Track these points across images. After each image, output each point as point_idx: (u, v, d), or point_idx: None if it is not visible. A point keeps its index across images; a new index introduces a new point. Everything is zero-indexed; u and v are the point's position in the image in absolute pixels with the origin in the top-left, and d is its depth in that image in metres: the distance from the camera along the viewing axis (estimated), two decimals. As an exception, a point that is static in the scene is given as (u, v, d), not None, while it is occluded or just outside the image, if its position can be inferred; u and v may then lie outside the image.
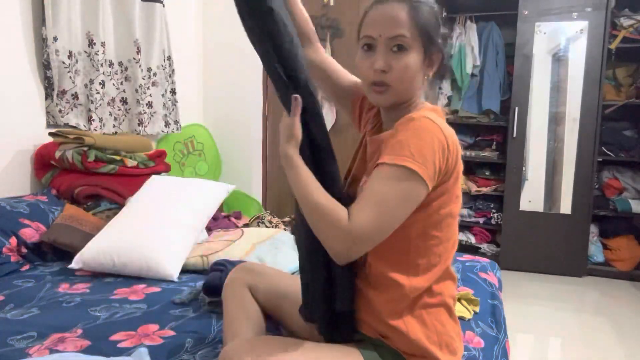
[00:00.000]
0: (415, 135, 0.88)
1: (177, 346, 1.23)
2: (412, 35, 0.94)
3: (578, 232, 3.46)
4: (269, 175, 3.60)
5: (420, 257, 0.96)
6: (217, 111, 3.44)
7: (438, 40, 0.98)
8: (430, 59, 0.98)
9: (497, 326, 1.46)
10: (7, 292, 1.60)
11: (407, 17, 0.94)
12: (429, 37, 0.96)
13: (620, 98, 3.49)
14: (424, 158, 0.86)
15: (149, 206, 1.99)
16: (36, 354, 1.18)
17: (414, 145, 0.87)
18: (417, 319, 0.97)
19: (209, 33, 3.39)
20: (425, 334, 0.97)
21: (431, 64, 0.99)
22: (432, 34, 0.96)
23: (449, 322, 1.01)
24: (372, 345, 0.99)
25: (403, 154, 0.86)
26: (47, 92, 2.29)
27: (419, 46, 0.95)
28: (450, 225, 0.99)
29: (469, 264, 1.95)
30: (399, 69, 0.95)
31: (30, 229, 1.91)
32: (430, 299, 0.98)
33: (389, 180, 0.87)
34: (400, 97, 0.99)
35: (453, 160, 0.92)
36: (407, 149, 0.86)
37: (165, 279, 1.74)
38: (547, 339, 2.58)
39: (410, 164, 0.86)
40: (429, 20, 0.96)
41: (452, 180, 0.94)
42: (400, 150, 0.87)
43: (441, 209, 0.95)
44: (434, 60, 0.99)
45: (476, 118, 3.80)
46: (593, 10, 3.31)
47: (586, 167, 3.41)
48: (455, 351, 1.00)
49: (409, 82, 0.97)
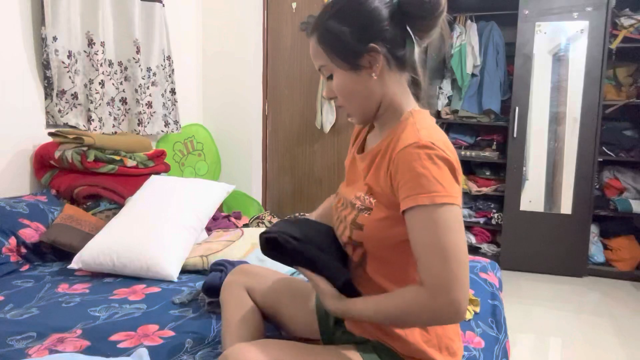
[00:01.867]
0: (433, 164, 0.85)
1: (177, 346, 1.22)
2: (329, 60, 0.95)
3: (578, 232, 3.45)
4: (268, 175, 3.60)
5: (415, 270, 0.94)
6: (216, 111, 3.44)
7: (355, 45, 0.93)
8: (359, 65, 0.94)
9: (497, 326, 1.45)
10: (6, 292, 1.60)
11: (318, 46, 0.96)
12: (341, 51, 0.94)
13: (621, 98, 3.49)
14: (451, 185, 0.86)
15: (148, 206, 1.98)
16: (36, 354, 1.18)
17: (438, 177, 0.85)
18: None
19: (208, 33, 3.39)
20: (424, 337, 0.96)
21: (369, 66, 0.94)
22: (343, 48, 0.93)
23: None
24: (372, 347, 0.98)
25: (436, 190, 0.84)
26: (46, 92, 2.29)
27: (341, 64, 0.95)
28: None
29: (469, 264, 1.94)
30: (338, 92, 0.97)
31: (29, 229, 1.91)
32: None
33: (439, 222, 0.84)
34: (366, 112, 0.99)
35: (459, 175, 0.90)
36: (436, 182, 0.84)
37: (165, 279, 1.74)
38: (547, 339, 2.58)
39: (447, 198, 0.84)
40: (335, 36, 0.94)
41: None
42: (430, 187, 0.84)
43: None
44: (365, 63, 0.94)
45: (476, 118, 3.80)
46: (593, 10, 3.30)
47: (587, 167, 3.41)
48: (455, 353, 1.00)
49: (355, 98, 0.97)
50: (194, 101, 3.39)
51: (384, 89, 0.96)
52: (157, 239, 1.80)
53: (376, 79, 0.94)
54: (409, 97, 0.99)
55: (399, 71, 0.96)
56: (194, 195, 2.08)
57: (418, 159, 0.86)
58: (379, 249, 0.96)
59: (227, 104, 3.40)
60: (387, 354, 0.97)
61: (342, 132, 3.43)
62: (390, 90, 0.97)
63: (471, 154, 3.81)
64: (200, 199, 2.09)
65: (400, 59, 0.95)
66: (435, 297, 0.83)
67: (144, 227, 1.86)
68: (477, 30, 3.75)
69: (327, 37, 0.95)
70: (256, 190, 3.47)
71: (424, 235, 0.85)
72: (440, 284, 0.83)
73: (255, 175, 3.47)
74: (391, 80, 0.96)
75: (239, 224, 2.54)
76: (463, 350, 1.05)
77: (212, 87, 3.43)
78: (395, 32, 0.93)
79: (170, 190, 2.08)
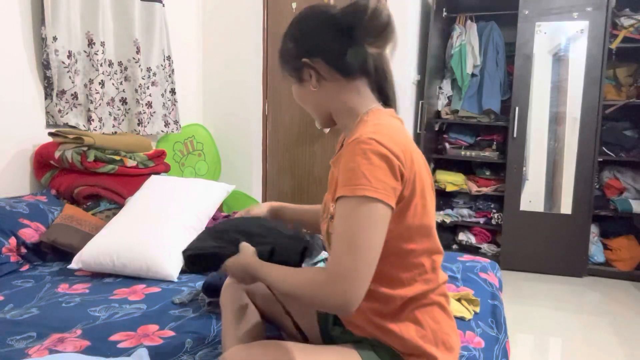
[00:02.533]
0: (365, 160, 0.87)
1: (177, 346, 1.22)
2: (283, 72, 1.08)
3: (578, 232, 3.45)
4: (268, 175, 3.60)
5: (401, 271, 0.97)
6: (217, 111, 3.44)
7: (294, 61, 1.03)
8: (301, 78, 1.03)
9: (497, 326, 1.45)
10: (6, 292, 1.60)
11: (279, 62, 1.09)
12: (287, 67, 1.06)
13: (621, 98, 3.49)
14: (380, 181, 0.86)
15: (148, 206, 1.98)
16: (36, 354, 1.18)
17: (367, 170, 0.86)
18: (410, 319, 0.97)
19: (208, 33, 3.39)
20: (420, 333, 0.96)
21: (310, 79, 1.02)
22: (287, 63, 1.05)
23: (443, 318, 1.01)
24: (370, 345, 0.99)
25: (360, 182, 0.86)
26: (46, 92, 2.29)
27: (289, 77, 1.07)
28: (427, 236, 0.98)
29: (469, 264, 1.95)
30: (297, 101, 1.09)
31: (29, 229, 1.91)
32: (421, 300, 0.98)
33: (354, 213, 0.86)
34: (321, 118, 1.08)
35: (408, 171, 0.90)
36: (362, 176, 0.86)
37: (165, 279, 1.74)
38: (547, 339, 2.58)
39: (370, 192, 0.85)
40: (283, 53, 1.06)
41: (410, 192, 0.92)
42: (355, 180, 0.86)
43: (410, 223, 0.94)
44: (307, 76, 1.02)
45: (476, 118, 3.79)
46: (593, 10, 3.30)
47: (587, 167, 3.41)
48: (452, 347, 1.00)
49: (308, 107, 1.08)
50: (194, 101, 3.39)
51: (331, 97, 1.03)
52: (157, 239, 1.80)
53: (316, 90, 1.02)
54: (365, 100, 1.02)
55: (346, 79, 1.01)
56: (194, 195, 2.08)
57: (352, 154, 0.88)
58: None
59: (227, 104, 3.40)
60: (385, 351, 0.97)
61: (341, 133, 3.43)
62: (340, 98, 1.02)
63: (471, 154, 3.81)
64: (200, 199, 2.09)
65: (345, 68, 0.99)
66: (330, 284, 0.85)
67: (144, 227, 1.86)
68: (477, 30, 3.75)
69: (280, 54, 1.07)
70: (256, 190, 3.47)
71: (339, 224, 0.87)
72: (338, 272, 0.85)
73: (255, 175, 3.47)
74: (339, 89, 1.01)
75: (239, 224, 2.54)
76: (460, 344, 1.05)
77: (212, 87, 3.43)
78: (335, 44, 0.99)
79: (170, 190, 2.09)
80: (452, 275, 1.81)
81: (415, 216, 0.94)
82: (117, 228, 1.88)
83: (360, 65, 0.99)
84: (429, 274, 0.99)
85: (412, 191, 0.92)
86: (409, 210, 0.93)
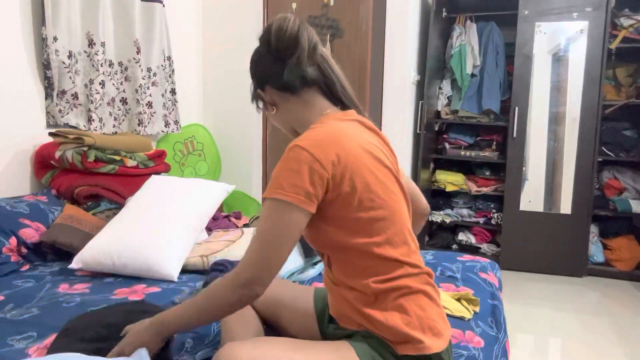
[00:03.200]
0: (285, 166, 0.96)
1: (177, 346, 1.22)
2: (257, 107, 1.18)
3: (578, 232, 3.46)
4: (269, 175, 3.60)
5: (365, 261, 1.00)
6: (217, 111, 3.44)
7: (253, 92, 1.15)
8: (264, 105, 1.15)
9: (497, 326, 1.46)
10: (7, 292, 1.60)
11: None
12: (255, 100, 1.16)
13: (621, 98, 3.49)
14: (294, 186, 0.94)
15: (148, 206, 1.99)
16: (36, 354, 1.18)
17: (283, 176, 0.95)
18: (394, 307, 0.98)
19: (208, 33, 3.39)
20: (405, 320, 0.98)
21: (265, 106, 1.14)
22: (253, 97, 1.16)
23: (429, 305, 1.01)
24: (362, 337, 1.00)
25: (275, 186, 0.95)
26: (47, 92, 2.29)
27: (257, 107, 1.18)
28: (386, 228, 1.00)
29: (469, 264, 1.95)
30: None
31: (30, 229, 1.91)
32: (403, 289, 1.00)
33: (267, 214, 0.96)
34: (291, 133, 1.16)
35: (337, 172, 0.96)
36: (278, 181, 0.95)
37: (165, 279, 1.74)
38: (547, 339, 2.58)
39: (281, 195, 0.94)
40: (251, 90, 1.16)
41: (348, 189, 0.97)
42: (273, 184, 0.96)
43: (357, 217, 0.98)
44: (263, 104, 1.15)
45: (476, 118, 3.80)
46: (593, 10, 3.31)
47: (586, 167, 3.41)
48: (440, 333, 1.00)
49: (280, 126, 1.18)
50: (194, 101, 3.40)
51: (288, 115, 1.12)
52: (157, 239, 1.80)
53: (275, 112, 1.13)
54: (316, 109, 1.09)
55: (295, 95, 1.09)
56: (194, 195, 2.08)
57: (280, 161, 0.98)
58: (330, 251, 1.04)
59: (228, 104, 3.40)
60: (377, 342, 0.98)
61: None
62: (294, 113, 1.11)
63: (471, 154, 3.82)
64: (200, 199, 2.09)
65: (287, 86, 1.08)
66: (235, 276, 0.95)
67: (144, 227, 1.86)
68: (476, 30, 3.75)
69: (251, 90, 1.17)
70: (256, 190, 3.47)
71: (258, 223, 0.98)
72: (245, 264, 0.95)
73: (255, 175, 3.47)
74: (293, 104, 1.10)
75: (239, 224, 2.55)
76: (450, 332, 1.05)
77: (212, 87, 3.43)
78: (274, 69, 1.08)
79: (171, 190, 2.09)
80: (452, 275, 1.81)
81: (361, 210, 0.98)
82: (118, 228, 1.88)
83: (300, 79, 1.07)
84: (401, 262, 1.00)
85: (350, 187, 0.97)
86: (351, 205, 0.97)
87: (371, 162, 1.01)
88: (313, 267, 1.81)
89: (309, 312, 1.18)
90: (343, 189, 0.96)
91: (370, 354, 0.96)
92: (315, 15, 3.23)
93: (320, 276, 1.79)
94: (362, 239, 0.99)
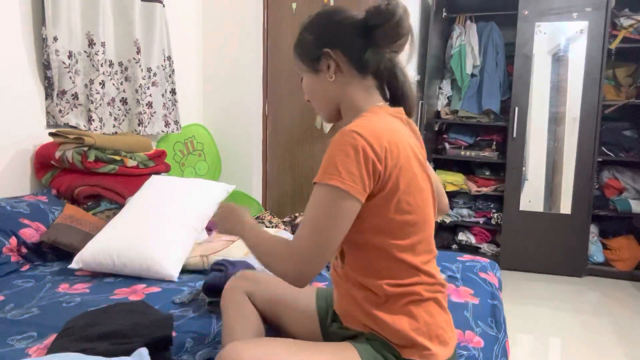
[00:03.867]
0: (342, 151, 0.91)
1: (177, 346, 1.22)
2: (299, 63, 1.11)
3: (578, 232, 3.46)
4: (269, 175, 3.60)
5: (384, 262, 0.98)
6: (217, 111, 3.44)
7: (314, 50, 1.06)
8: (317, 69, 1.06)
9: (497, 326, 1.46)
10: (7, 292, 1.60)
11: (293, 52, 1.12)
12: (304, 56, 1.09)
13: (620, 98, 3.49)
14: (351, 174, 0.90)
15: (148, 206, 1.99)
16: (36, 354, 1.18)
17: (340, 162, 0.91)
18: (404, 312, 0.98)
19: (208, 33, 3.39)
20: (413, 326, 0.97)
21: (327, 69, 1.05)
22: (305, 52, 1.08)
23: (438, 312, 1.01)
24: (365, 339, 1.00)
25: (330, 171, 0.91)
26: (47, 92, 2.29)
27: (303, 67, 1.10)
28: (414, 233, 0.99)
29: (469, 264, 1.95)
30: (305, 92, 1.12)
31: (30, 229, 1.91)
32: (414, 295, 0.99)
33: (321, 201, 0.92)
34: (328, 110, 1.10)
35: (388, 166, 0.93)
36: (334, 166, 0.91)
37: (165, 279, 1.74)
38: (547, 339, 2.58)
39: (338, 182, 0.90)
40: (302, 42, 1.09)
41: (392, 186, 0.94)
42: (328, 169, 0.92)
43: (391, 217, 0.96)
44: (323, 67, 1.06)
45: (476, 118, 3.80)
46: (593, 10, 3.31)
47: (586, 167, 3.41)
48: (446, 342, 1.00)
49: (317, 98, 1.10)
50: (194, 101, 3.40)
51: (342, 91, 1.06)
52: (157, 239, 1.80)
53: (332, 81, 1.05)
54: (371, 99, 1.06)
55: (360, 75, 1.05)
56: (194, 195, 2.08)
57: (333, 144, 0.94)
58: (350, 245, 1.01)
59: (227, 104, 3.40)
60: (381, 345, 0.98)
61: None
62: (350, 93, 1.06)
63: (471, 154, 3.82)
64: (201, 199, 2.09)
65: (360, 65, 1.04)
66: (289, 261, 0.93)
67: (144, 227, 1.86)
68: (476, 30, 3.75)
69: (297, 43, 1.10)
70: (256, 190, 3.47)
71: (308, 208, 0.94)
72: (297, 253, 0.92)
73: (255, 175, 3.47)
74: (351, 83, 1.05)
75: (239, 224, 2.54)
76: (456, 340, 1.05)
77: (212, 87, 3.43)
78: (356, 41, 1.03)
79: (171, 190, 2.09)
80: (452, 275, 1.81)
81: (397, 211, 0.96)
82: (118, 228, 1.88)
83: (376, 65, 1.04)
84: (418, 270, 1.00)
85: (395, 185, 0.94)
86: (389, 204, 0.95)
87: (416, 165, 1.00)
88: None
89: (311, 312, 1.18)
90: (388, 186, 0.94)
91: (373, 356, 0.96)
92: (315, 15, 3.22)
93: (320, 276, 1.79)
94: (387, 240, 0.97)
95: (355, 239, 0.98)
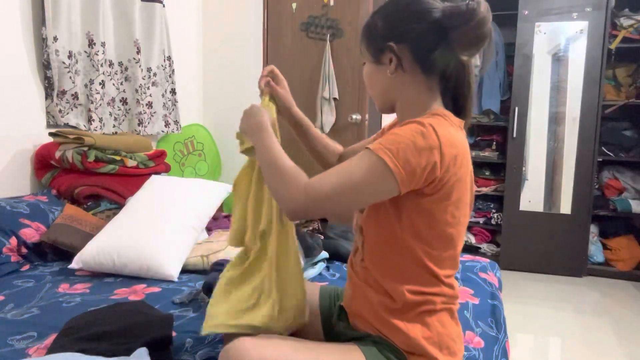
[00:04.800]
0: (411, 137, 0.87)
1: (177, 346, 1.22)
2: (362, 47, 1.05)
3: (578, 232, 3.46)
4: (269, 175, 3.60)
5: (413, 268, 0.97)
6: (217, 111, 3.44)
7: (380, 41, 0.99)
8: (380, 60, 1.01)
9: (497, 326, 1.46)
10: (7, 292, 1.60)
11: (361, 34, 1.05)
12: (369, 44, 1.03)
13: (620, 98, 3.49)
14: (407, 161, 0.86)
15: (149, 206, 1.99)
16: (36, 354, 1.18)
17: (404, 145, 0.87)
18: (417, 319, 0.97)
19: (208, 33, 3.39)
20: (425, 334, 0.97)
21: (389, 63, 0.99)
22: (371, 40, 1.02)
23: (450, 323, 1.01)
24: (372, 342, 0.99)
25: (389, 148, 0.87)
26: (47, 92, 2.29)
27: (367, 54, 1.04)
28: (446, 248, 0.97)
29: (469, 264, 1.95)
30: (364, 78, 1.07)
31: (30, 229, 1.91)
32: (430, 305, 0.98)
33: (364, 163, 0.89)
34: (382, 102, 1.05)
35: (448, 173, 0.90)
36: (396, 145, 0.87)
37: (165, 279, 1.74)
38: (547, 339, 2.58)
39: (389, 159, 0.87)
40: (370, 28, 1.02)
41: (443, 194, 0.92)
42: (388, 143, 0.88)
43: (433, 226, 0.94)
44: (386, 59, 0.99)
45: (476, 118, 3.80)
46: (593, 10, 3.31)
47: (586, 167, 3.41)
48: (455, 353, 1.00)
49: (374, 88, 1.05)
50: (194, 101, 3.40)
51: (403, 89, 1.00)
52: (157, 239, 1.80)
53: (391, 76, 0.99)
54: (433, 102, 0.99)
55: (425, 75, 0.98)
56: (194, 195, 2.08)
57: (405, 126, 0.90)
58: (379, 240, 0.98)
59: (228, 104, 3.40)
60: (388, 348, 0.97)
61: (342, 133, 3.43)
62: (411, 92, 1.00)
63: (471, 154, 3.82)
64: (201, 199, 2.09)
65: (426, 64, 0.97)
66: (301, 189, 0.91)
67: (144, 227, 1.86)
68: (476, 30, 3.75)
69: (366, 26, 1.03)
70: (256, 190, 3.47)
71: (348, 161, 0.91)
72: (313, 188, 0.90)
73: (255, 175, 3.47)
74: (413, 82, 0.99)
75: (239, 224, 2.54)
76: (463, 351, 1.05)
77: (212, 87, 3.43)
78: (428, 37, 0.95)
79: (171, 190, 2.09)
80: (452, 275, 1.81)
81: (441, 221, 0.94)
82: (118, 228, 1.88)
83: (444, 67, 0.97)
84: (440, 281, 0.98)
85: (447, 195, 0.92)
86: (436, 211, 0.93)
87: (470, 180, 0.98)
88: (313, 267, 1.81)
89: (314, 310, 1.17)
90: (441, 192, 0.91)
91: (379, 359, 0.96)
92: (315, 16, 3.22)
93: (320, 276, 1.79)
94: (422, 246, 0.95)
95: (389, 235, 0.96)
